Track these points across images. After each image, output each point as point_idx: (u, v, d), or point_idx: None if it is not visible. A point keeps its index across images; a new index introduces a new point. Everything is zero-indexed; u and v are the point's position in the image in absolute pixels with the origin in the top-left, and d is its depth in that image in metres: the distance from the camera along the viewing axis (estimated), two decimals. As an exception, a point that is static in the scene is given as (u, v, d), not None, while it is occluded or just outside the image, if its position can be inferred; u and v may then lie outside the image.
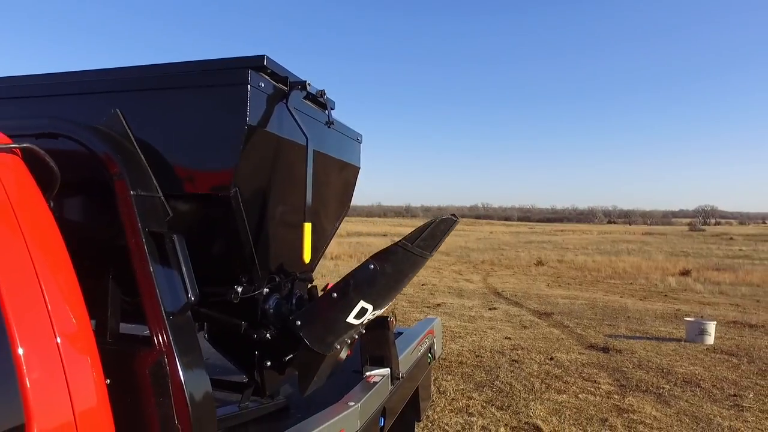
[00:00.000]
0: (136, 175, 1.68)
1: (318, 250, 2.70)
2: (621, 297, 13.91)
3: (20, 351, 1.22)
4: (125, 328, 1.89)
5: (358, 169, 3.00)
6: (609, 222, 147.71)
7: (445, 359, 7.11)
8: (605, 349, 7.89)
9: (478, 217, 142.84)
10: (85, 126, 1.73)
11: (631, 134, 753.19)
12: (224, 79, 1.82)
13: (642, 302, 13.07)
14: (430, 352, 3.63)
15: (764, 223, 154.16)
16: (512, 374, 6.56)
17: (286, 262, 2.36)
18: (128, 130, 1.79)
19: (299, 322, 2.10)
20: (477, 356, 7.37)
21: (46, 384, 1.25)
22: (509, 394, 5.82)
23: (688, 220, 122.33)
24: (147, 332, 1.59)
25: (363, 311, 2.03)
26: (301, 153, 2.11)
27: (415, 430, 3.74)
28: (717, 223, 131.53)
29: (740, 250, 34.38)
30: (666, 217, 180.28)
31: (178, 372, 1.54)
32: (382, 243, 31.79)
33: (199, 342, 1.69)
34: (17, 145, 1.38)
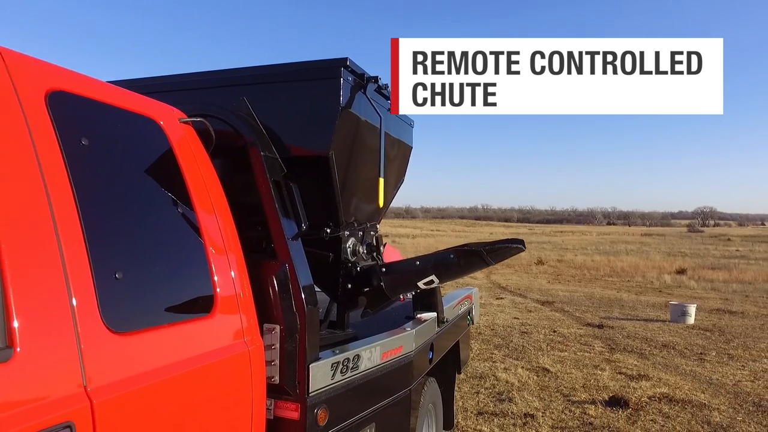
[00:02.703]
0: (262, 143, 2.17)
1: (385, 205, 3.20)
2: (617, 292, 14.82)
3: (213, 266, 1.77)
4: None
5: (411, 147, 3.50)
6: (608, 223, 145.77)
7: (466, 331, 8.55)
8: (600, 326, 9.34)
9: (477, 219, 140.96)
10: (227, 109, 2.26)
11: (631, 135, 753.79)
12: (323, 74, 2.31)
13: (636, 296, 13.99)
14: (469, 315, 4.16)
15: (763, 224, 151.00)
16: (523, 340, 8.07)
17: (361, 213, 2.87)
18: (253, 112, 2.28)
19: (384, 269, 2.62)
20: (492, 330, 8.85)
21: (225, 281, 1.81)
22: (522, 351, 7.34)
23: (687, 222, 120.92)
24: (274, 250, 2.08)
25: (431, 282, 2.57)
26: (375, 130, 2.58)
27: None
28: (716, 225, 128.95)
29: (737, 250, 34.43)
30: (665, 219, 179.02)
31: (296, 276, 2.00)
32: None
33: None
34: (191, 119, 1.97)
